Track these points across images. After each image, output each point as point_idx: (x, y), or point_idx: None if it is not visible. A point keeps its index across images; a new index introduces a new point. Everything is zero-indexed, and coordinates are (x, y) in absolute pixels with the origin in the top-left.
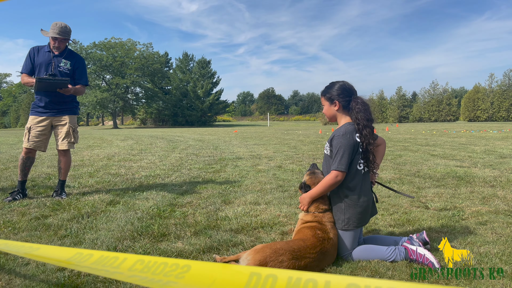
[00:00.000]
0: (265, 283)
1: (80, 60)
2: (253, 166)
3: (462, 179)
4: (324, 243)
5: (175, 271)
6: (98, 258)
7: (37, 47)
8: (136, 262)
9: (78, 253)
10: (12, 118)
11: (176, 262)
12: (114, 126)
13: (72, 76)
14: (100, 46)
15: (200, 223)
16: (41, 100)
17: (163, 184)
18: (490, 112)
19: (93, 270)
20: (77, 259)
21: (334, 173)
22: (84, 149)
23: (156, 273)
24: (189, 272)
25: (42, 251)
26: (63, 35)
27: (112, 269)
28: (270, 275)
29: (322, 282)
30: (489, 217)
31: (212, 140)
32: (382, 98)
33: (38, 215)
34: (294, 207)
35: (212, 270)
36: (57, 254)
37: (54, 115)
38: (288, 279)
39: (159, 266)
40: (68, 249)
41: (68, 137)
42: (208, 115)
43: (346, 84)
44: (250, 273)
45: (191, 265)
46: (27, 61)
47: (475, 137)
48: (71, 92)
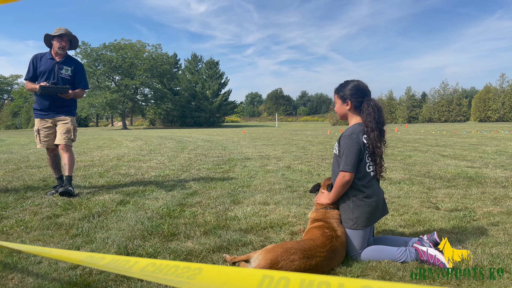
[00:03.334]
0: (278, 285)
1: (79, 65)
2: (262, 167)
3: (473, 179)
4: (333, 241)
5: (186, 273)
6: (110, 261)
7: (39, 55)
8: (147, 265)
9: (89, 257)
10: (23, 119)
11: (188, 265)
12: (123, 127)
13: (72, 81)
14: (110, 47)
15: (210, 223)
16: (42, 104)
17: (173, 184)
18: (501, 113)
19: (106, 268)
20: (89, 261)
21: (341, 173)
22: (94, 150)
23: (168, 274)
24: (201, 274)
25: (54, 254)
26: (68, 34)
27: (124, 271)
28: (283, 277)
29: (335, 284)
30: (501, 217)
31: (220, 140)
32: (392, 99)
33: (50, 215)
34: (303, 207)
35: (224, 273)
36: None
37: (55, 115)
38: (301, 282)
39: (170, 269)
40: (79, 253)
41: (68, 133)
42: (216, 116)
43: (360, 85)
44: (262, 276)
45: (202, 268)
46: (30, 68)
47: (486, 138)
48: (71, 97)
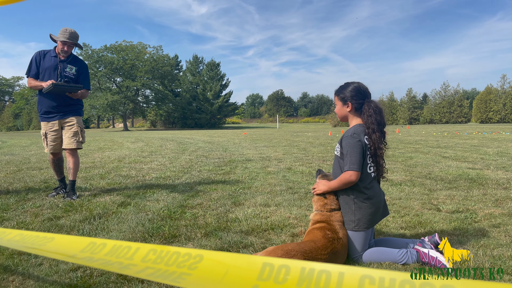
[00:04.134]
0: (278, 273)
1: (84, 66)
2: (263, 168)
3: (474, 181)
4: (334, 243)
5: (187, 261)
6: (111, 247)
7: (43, 51)
8: (149, 251)
9: (91, 243)
10: (24, 121)
11: (189, 251)
12: (124, 128)
13: (76, 81)
14: (111, 49)
15: (211, 224)
16: (46, 105)
17: (174, 185)
18: (503, 114)
19: (106, 265)
20: (91, 249)
21: (349, 173)
22: (95, 151)
23: (169, 263)
24: (202, 262)
25: (57, 241)
26: (73, 39)
27: (126, 261)
28: (283, 265)
29: (335, 273)
30: (502, 219)
31: (221, 142)
32: (392, 100)
33: (51, 216)
34: (304, 209)
35: (225, 259)
36: (71, 245)
37: (61, 117)
38: (301, 270)
39: (171, 256)
40: (82, 238)
41: (76, 136)
42: (217, 117)
43: (361, 86)
44: (262, 263)
45: (203, 254)
46: (32, 65)
47: (488, 139)
48: (78, 96)
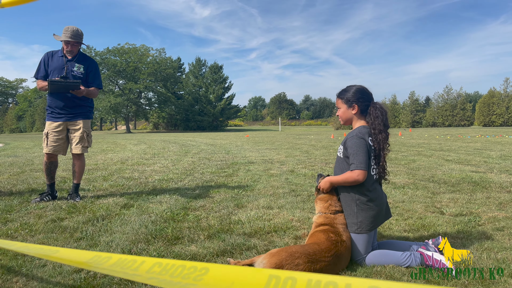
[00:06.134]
0: (284, 285)
1: (93, 64)
2: (265, 171)
3: (477, 184)
4: (338, 246)
5: (193, 273)
6: (116, 261)
7: (51, 52)
8: (154, 265)
9: (96, 256)
10: (27, 123)
11: (194, 265)
12: (127, 130)
13: (85, 80)
14: (114, 51)
15: (214, 226)
16: (55, 104)
17: (176, 187)
18: (506, 117)
19: (111, 272)
20: (96, 261)
21: (356, 172)
22: (98, 153)
23: (174, 275)
24: (207, 275)
25: (61, 254)
26: (75, 38)
27: (130, 271)
28: (289, 277)
29: (342, 284)
30: (506, 223)
31: (224, 144)
32: (395, 103)
33: (54, 218)
34: (307, 211)
35: (231, 272)
36: (76, 257)
37: (69, 119)
38: (308, 282)
39: (177, 269)
40: (86, 252)
41: (82, 141)
42: (219, 120)
43: (365, 89)
44: (269, 276)
45: (209, 268)
46: (41, 66)
47: (491, 142)
48: (84, 94)
